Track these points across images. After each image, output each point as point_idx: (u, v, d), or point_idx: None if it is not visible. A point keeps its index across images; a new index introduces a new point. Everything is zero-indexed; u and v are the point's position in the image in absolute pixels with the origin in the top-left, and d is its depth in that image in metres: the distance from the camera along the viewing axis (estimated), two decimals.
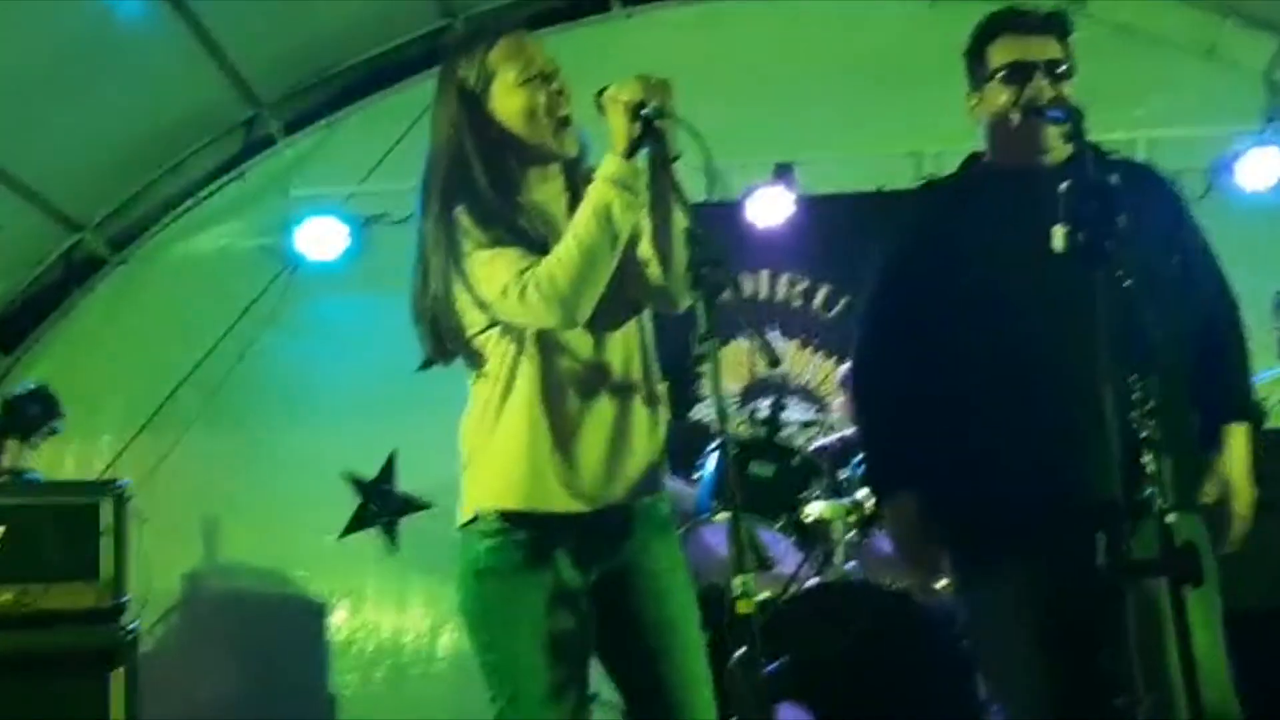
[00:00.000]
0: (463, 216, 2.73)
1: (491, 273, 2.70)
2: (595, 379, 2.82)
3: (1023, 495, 2.93)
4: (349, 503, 7.03)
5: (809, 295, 7.12)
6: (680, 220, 2.72)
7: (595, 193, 2.70)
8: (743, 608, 2.38)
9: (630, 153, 2.68)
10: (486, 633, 2.80)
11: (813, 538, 4.98)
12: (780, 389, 6.35)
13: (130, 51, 5.99)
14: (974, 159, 3.25)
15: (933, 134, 6.77)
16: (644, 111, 2.65)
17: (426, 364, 2.90)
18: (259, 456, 6.87)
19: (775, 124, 6.82)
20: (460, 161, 2.79)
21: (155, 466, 6.73)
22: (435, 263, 2.77)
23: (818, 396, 6.94)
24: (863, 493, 4.92)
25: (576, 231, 2.69)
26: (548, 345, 2.79)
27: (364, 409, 6.81)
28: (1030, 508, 2.91)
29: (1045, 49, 3.06)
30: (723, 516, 5.02)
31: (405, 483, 7.02)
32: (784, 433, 5.70)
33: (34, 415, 5.08)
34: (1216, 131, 6.68)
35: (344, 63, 7.04)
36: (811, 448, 5.67)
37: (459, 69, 2.84)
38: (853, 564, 4.94)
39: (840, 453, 5.45)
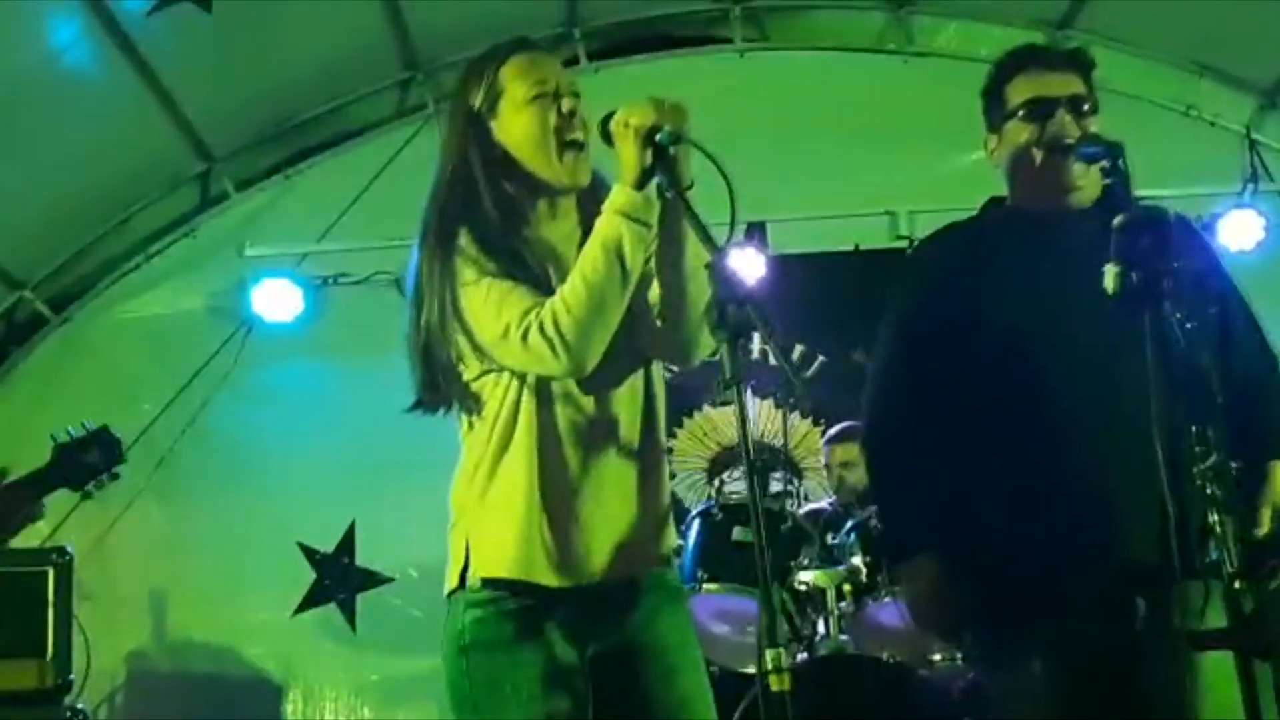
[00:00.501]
0: (464, 239, 2.54)
1: (492, 311, 2.50)
2: (598, 436, 2.62)
3: (1055, 556, 2.77)
4: (304, 577, 6.75)
5: (782, 355, 6.91)
6: (698, 255, 2.51)
7: (604, 227, 2.50)
8: (776, 684, 2.15)
9: (641, 183, 2.48)
10: (472, 713, 2.57)
11: (804, 607, 4.80)
12: (754, 454, 6.12)
13: (76, 100, 5.79)
14: (993, 203, 3.11)
15: (909, 192, 6.70)
16: (658, 137, 2.45)
17: (416, 405, 2.71)
18: (209, 527, 6.60)
19: (747, 182, 6.63)
20: (465, 185, 2.61)
21: (100, 537, 6.43)
22: (430, 292, 2.57)
23: (792, 461, 6.73)
24: (857, 559, 4.73)
25: (584, 270, 2.49)
26: (547, 397, 2.59)
27: (321, 478, 6.60)
28: (1063, 570, 2.75)
29: (1067, 84, 2.95)
30: (712, 587, 4.85)
31: (364, 556, 6.78)
32: (734, 498, 5.51)
33: (91, 464, 4.53)
34: (1196, 191, 6.60)
35: (302, 115, 6.85)
36: (802, 512, 5.45)
37: (469, 91, 2.67)
38: (845, 636, 4.75)
39: (831, 518, 5.25)
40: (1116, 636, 2.72)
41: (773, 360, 6.25)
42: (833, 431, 5.99)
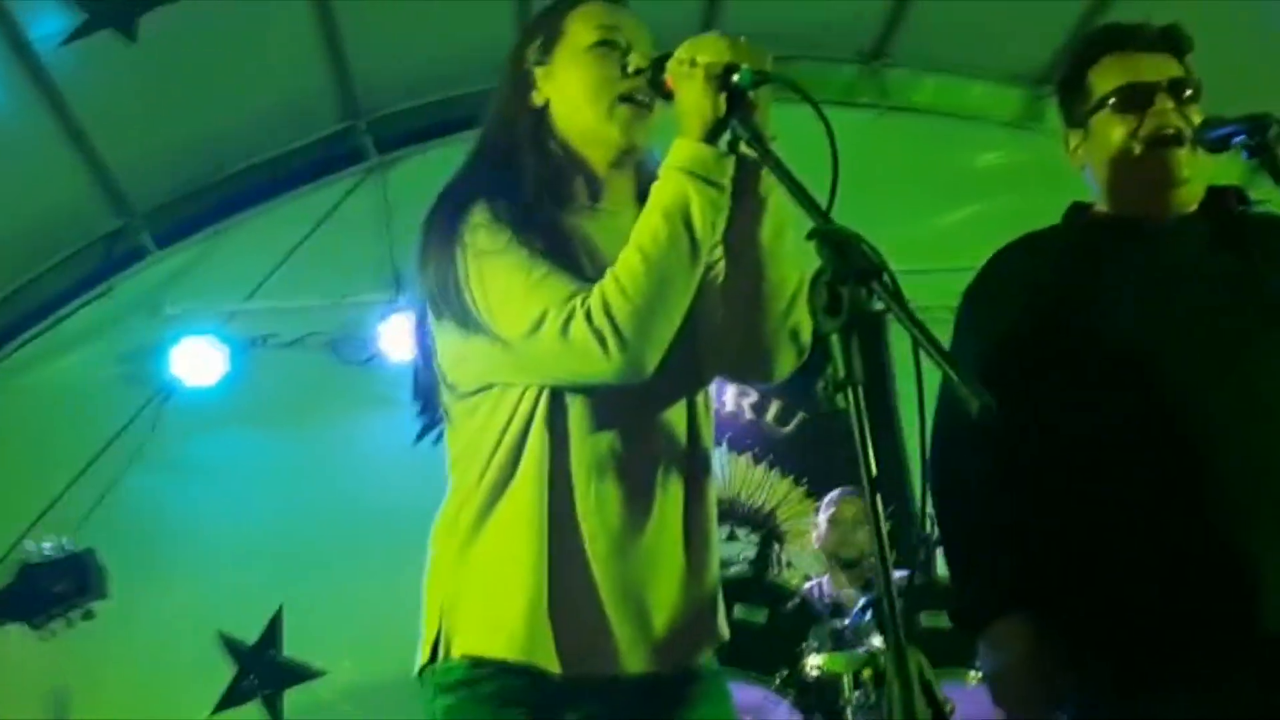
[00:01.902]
0: (482, 208, 2.03)
1: (519, 293, 1.98)
2: (631, 478, 2.08)
3: (1186, 622, 2.29)
4: (224, 671, 6.24)
5: (760, 409, 6.60)
6: (778, 230, 2.06)
7: (665, 189, 2.00)
8: None
9: (712, 136, 1.99)
10: None
11: (817, 697, 4.27)
12: (729, 515, 5.68)
13: None
14: (1076, 209, 2.64)
15: (885, 251, 6.30)
16: (735, 77, 1.96)
17: (424, 432, 2.20)
18: (120, 615, 5.83)
19: None
20: (499, 152, 2.13)
21: None
22: (428, 273, 2.08)
23: (774, 524, 6.27)
24: (876, 641, 4.21)
25: (641, 243, 1.98)
26: (562, 423, 2.06)
27: (244, 559, 6.09)
28: (1197, 640, 2.28)
29: (1165, 67, 2.49)
30: None
31: (292, 647, 6.29)
32: (733, 570, 5.04)
33: (58, 594, 3.75)
34: None
35: (230, 168, 6.40)
36: (805, 587, 4.97)
37: (527, 43, 2.20)
38: None
39: (834, 604, 4.76)
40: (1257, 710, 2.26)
41: (760, 415, 5.84)
42: (841, 490, 5.54)
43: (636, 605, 2.05)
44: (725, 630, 2.20)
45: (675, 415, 2.14)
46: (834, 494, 5.59)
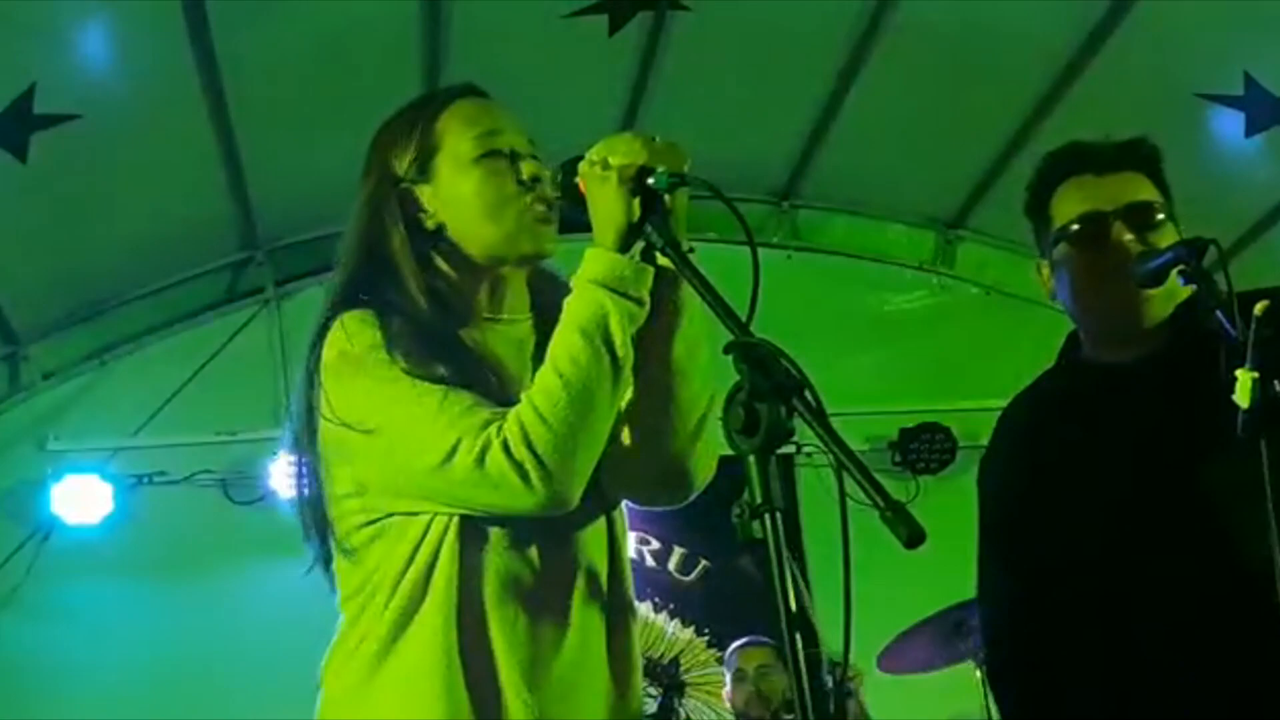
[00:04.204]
0: (376, 327, 1.88)
1: (426, 424, 1.82)
2: (547, 603, 1.93)
3: None
4: None
5: (661, 557, 6.41)
6: (690, 342, 1.92)
7: (581, 304, 1.85)
8: None
9: (626, 243, 1.85)
10: None
11: None
12: None
13: None
14: (1072, 344, 2.48)
15: None
16: (650, 180, 1.83)
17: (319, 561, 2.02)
18: None
19: None
20: (381, 265, 1.97)
21: None
22: (307, 391, 1.94)
23: (674, 674, 6.09)
24: None
25: (559, 365, 1.82)
26: (474, 546, 1.90)
27: (122, 716, 5.63)
28: None
29: (1125, 189, 2.33)
30: None
31: None
32: None
33: None
34: None
35: (121, 297, 6.19)
36: None
37: (389, 151, 2.03)
38: None
39: None
40: None
41: (661, 563, 5.61)
42: (743, 640, 5.38)
43: None
44: None
45: (593, 536, 1.99)
46: (731, 649, 5.44)
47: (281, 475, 5.92)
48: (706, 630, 6.16)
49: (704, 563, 6.33)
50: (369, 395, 1.86)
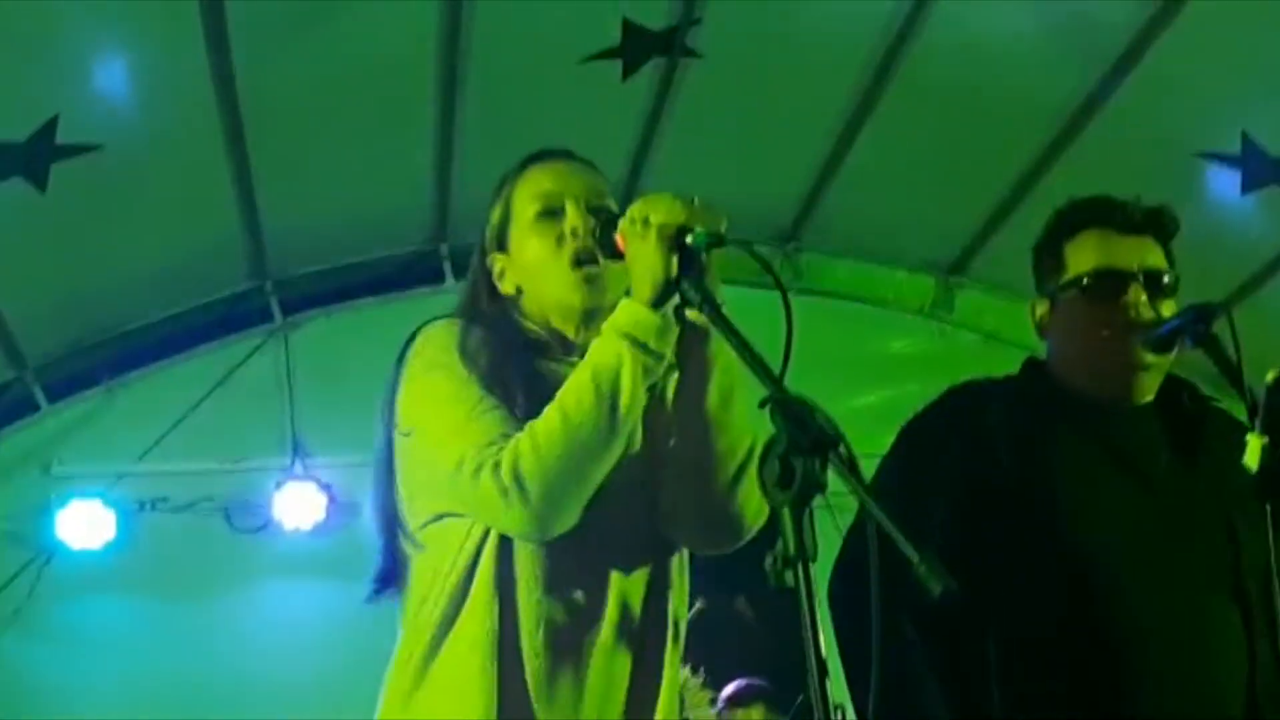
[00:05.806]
0: (447, 330, 2.07)
1: (450, 430, 1.97)
2: (583, 640, 2.02)
3: None
4: None
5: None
6: (723, 396, 2.00)
7: (602, 350, 1.94)
8: None
9: (660, 299, 1.92)
10: None
11: None
12: None
13: None
14: (1035, 368, 2.56)
15: None
16: (689, 239, 1.91)
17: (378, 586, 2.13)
18: None
19: None
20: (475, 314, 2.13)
21: None
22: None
23: None
24: None
25: (564, 403, 1.92)
26: (510, 571, 2.00)
27: None
28: None
29: (1145, 253, 2.43)
30: None
31: None
32: None
33: None
34: None
35: (130, 323, 6.20)
36: None
37: (489, 221, 2.21)
38: None
39: None
40: None
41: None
42: (731, 690, 5.42)
43: None
44: None
45: (631, 584, 2.07)
46: (723, 697, 5.42)
47: (284, 504, 5.98)
48: (701, 669, 6.15)
49: (700, 602, 6.33)
50: (421, 395, 2.01)
